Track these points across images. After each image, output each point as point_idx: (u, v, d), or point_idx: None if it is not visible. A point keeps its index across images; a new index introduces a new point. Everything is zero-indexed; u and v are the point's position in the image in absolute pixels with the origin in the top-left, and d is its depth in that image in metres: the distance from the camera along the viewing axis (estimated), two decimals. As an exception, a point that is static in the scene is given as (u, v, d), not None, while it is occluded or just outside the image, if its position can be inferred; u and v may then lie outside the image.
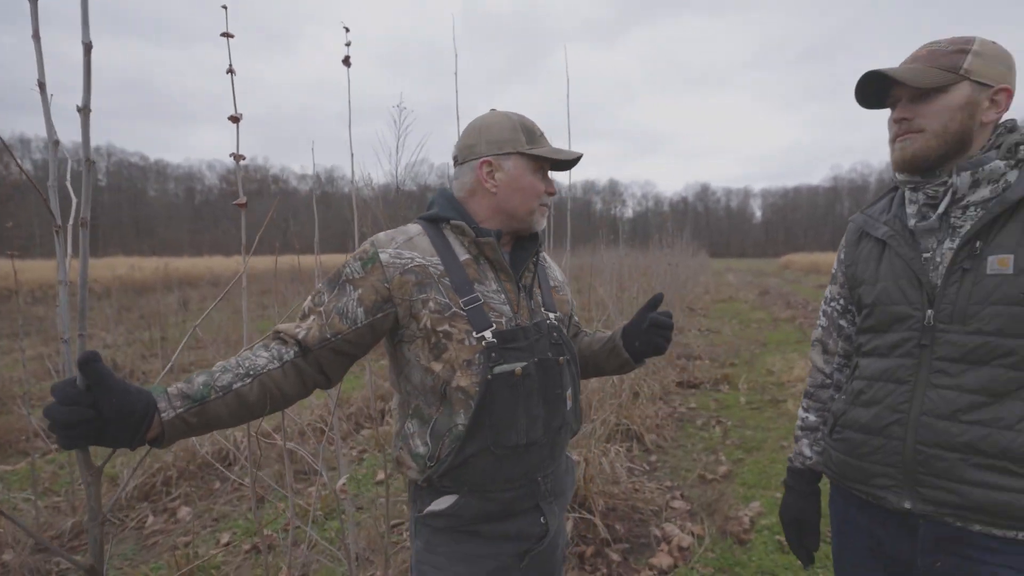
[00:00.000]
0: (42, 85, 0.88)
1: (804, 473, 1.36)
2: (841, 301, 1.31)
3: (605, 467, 3.22)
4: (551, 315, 1.29)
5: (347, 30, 1.79)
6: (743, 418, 4.95)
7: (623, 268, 7.02)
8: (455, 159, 1.30)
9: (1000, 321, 0.99)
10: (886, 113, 1.16)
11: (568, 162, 1.32)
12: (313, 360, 1.14)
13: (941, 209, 1.07)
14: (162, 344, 6.28)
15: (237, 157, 1.44)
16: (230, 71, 1.42)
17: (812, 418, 1.36)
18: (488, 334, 1.16)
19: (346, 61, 1.79)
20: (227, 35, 1.40)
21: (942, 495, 1.03)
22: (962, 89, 1.04)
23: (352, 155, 1.84)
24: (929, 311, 1.07)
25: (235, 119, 1.44)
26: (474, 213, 1.26)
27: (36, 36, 0.86)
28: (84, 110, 0.88)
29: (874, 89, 1.12)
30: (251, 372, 1.07)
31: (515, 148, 1.23)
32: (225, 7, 1.36)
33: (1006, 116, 1.08)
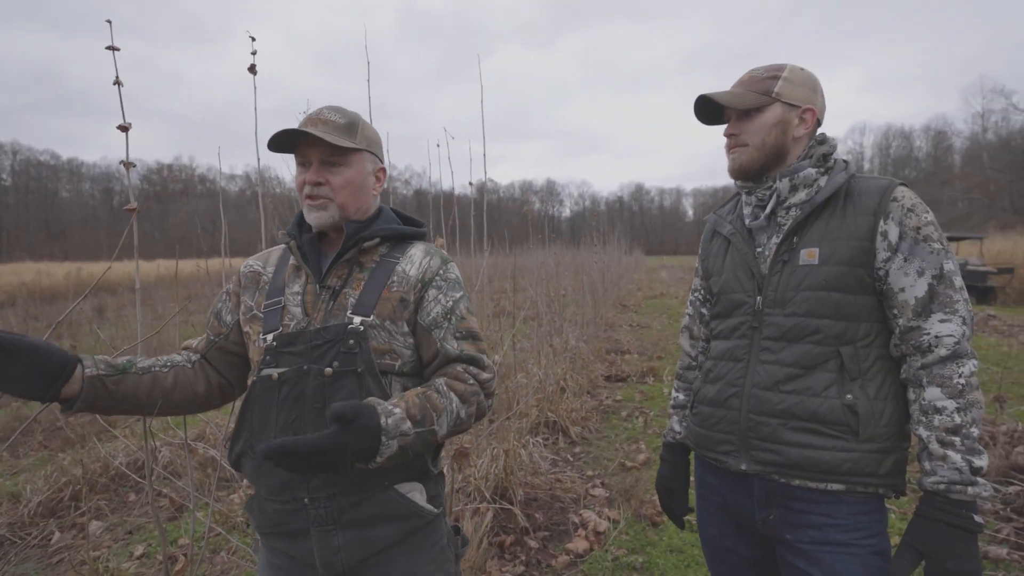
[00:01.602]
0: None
1: (674, 447, 1.51)
2: (702, 292, 1.46)
3: (524, 459, 3.34)
4: (356, 319, 1.14)
5: (253, 39, 1.82)
6: (665, 408, 5.21)
7: (556, 267, 7.20)
8: None
9: (809, 304, 1.17)
10: None
11: (340, 146, 1.16)
12: (210, 364, 1.28)
13: (768, 210, 1.24)
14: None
15: (127, 165, 1.45)
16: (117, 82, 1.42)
17: (681, 397, 1.51)
18: (269, 337, 1.16)
19: (252, 69, 1.82)
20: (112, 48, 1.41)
21: (768, 456, 1.19)
22: (775, 110, 1.22)
23: (259, 159, 1.86)
24: (759, 297, 1.24)
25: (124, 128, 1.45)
26: None
27: None
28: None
29: (710, 109, 1.30)
30: (168, 364, 1.21)
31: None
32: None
33: (820, 131, 1.27)
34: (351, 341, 1.12)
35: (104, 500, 3.41)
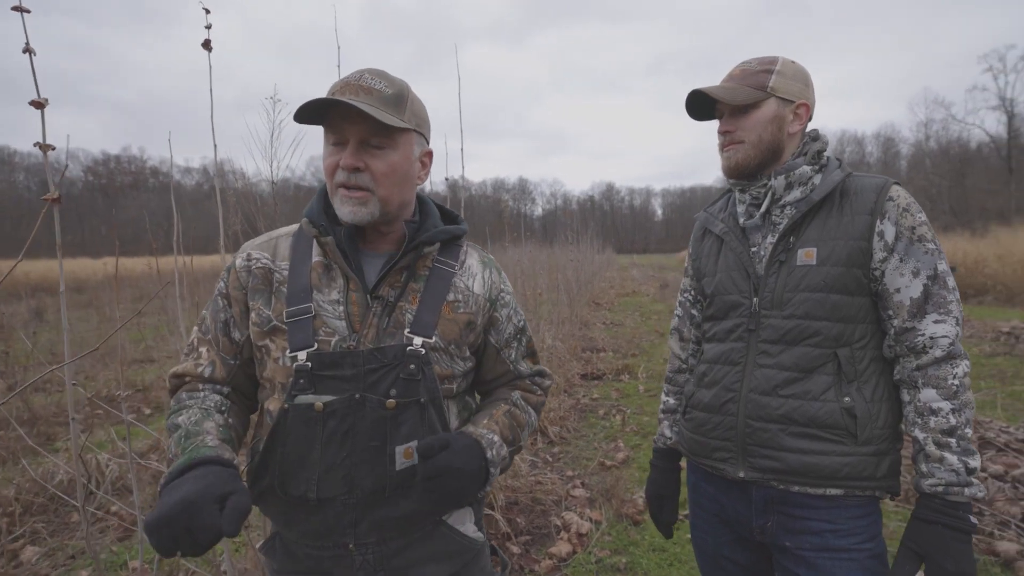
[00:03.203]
0: None
1: (666, 452, 1.45)
2: (692, 292, 1.40)
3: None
4: (416, 340, 0.99)
5: (207, 11, 1.66)
6: (641, 405, 5.18)
7: (531, 266, 7.09)
8: None
9: (808, 306, 1.13)
10: None
11: (382, 124, 0.93)
12: (240, 393, 1.08)
13: (763, 208, 1.20)
14: (7, 360, 5.45)
15: (44, 147, 1.24)
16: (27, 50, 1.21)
17: (672, 401, 1.45)
18: (302, 355, 0.96)
19: (206, 44, 1.68)
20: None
21: (767, 462, 1.15)
22: (770, 105, 1.17)
23: (216, 147, 1.68)
24: (755, 299, 1.19)
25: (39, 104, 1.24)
26: None
27: None
28: None
29: (701, 104, 1.24)
30: (221, 408, 1.01)
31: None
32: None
33: (811, 126, 1.23)
34: (412, 366, 0.97)
35: (41, 523, 3.11)
